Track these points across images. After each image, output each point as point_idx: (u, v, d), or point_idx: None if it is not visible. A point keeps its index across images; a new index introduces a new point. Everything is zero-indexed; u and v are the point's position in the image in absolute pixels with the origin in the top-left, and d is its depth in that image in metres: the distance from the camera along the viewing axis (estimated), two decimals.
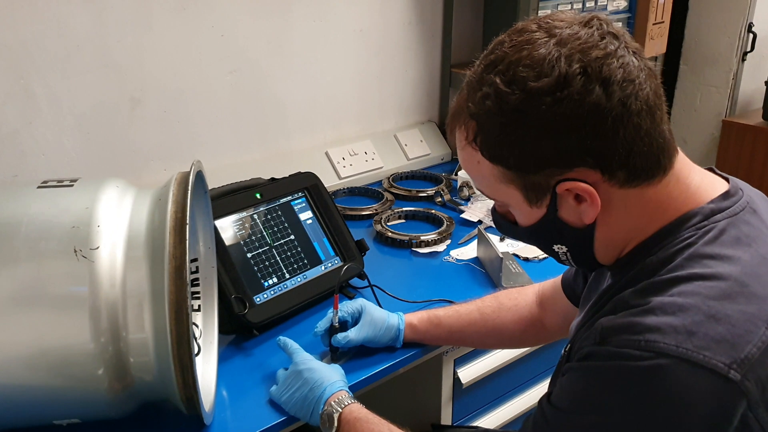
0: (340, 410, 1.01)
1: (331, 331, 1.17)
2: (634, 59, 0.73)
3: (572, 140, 0.73)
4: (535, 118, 0.72)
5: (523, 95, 0.72)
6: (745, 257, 0.74)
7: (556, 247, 0.85)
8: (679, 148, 0.80)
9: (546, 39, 0.73)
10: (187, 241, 0.90)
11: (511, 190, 0.80)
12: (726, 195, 0.79)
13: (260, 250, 1.34)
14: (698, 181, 0.80)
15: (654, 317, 0.70)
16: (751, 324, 0.69)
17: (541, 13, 1.98)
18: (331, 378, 1.06)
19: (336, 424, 1.00)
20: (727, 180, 0.83)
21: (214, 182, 1.22)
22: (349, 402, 1.02)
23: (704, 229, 0.76)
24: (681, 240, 0.76)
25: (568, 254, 0.85)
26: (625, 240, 0.81)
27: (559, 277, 1.16)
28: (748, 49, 2.70)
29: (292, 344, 1.14)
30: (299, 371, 1.07)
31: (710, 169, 0.85)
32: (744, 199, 0.80)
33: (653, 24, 2.29)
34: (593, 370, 0.73)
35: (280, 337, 1.16)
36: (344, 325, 1.19)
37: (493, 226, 1.70)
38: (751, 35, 2.67)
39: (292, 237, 1.40)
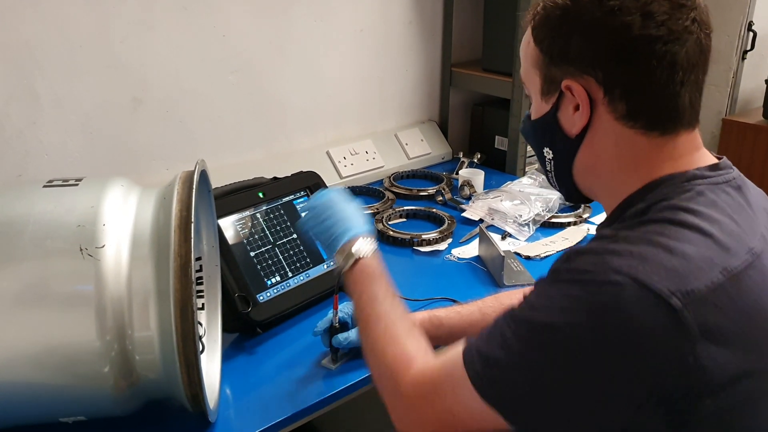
0: (359, 258, 0.99)
1: (332, 331, 1.17)
2: (689, 23, 0.79)
3: (595, 47, 0.80)
4: (579, 13, 0.80)
5: None
6: (717, 217, 0.77)
7: (545, 151, 0.91)
8: (696, 131, 0.85)
9: None
10: (192, 240, 0.91)
11: (536, 76, 0.88)
12: (713, 167, 0.83)
13: (263, 249, 1.35)
14: (696, 157, 0.84)
15: (615, 245, 0.75)
16: (706, 265, 0.73)
17: None
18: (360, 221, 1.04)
19: (351, 264, 0.99)
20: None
21: (215, 182, 1.23)
22: (371, 252, 1.00)
23: (683, 188, 0.80)
24: (658, 195, 0.80)
25: (553, 162, 0.91)
26: (608, 178, 0.86)
27: None
28: (748, 47, 2.71)
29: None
30: (337, 203, 1.05)
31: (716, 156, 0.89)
32: (731, 174, 0.84)
33: None
34: (553, 280, 0.78)
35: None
36: (344, 326, 1.19)
37: (494, 224, 1.71)
38: (751, 34, 2.68)
39: (295, 236, 1.41)
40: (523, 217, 1.73)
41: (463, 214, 1.80)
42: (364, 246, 1.00)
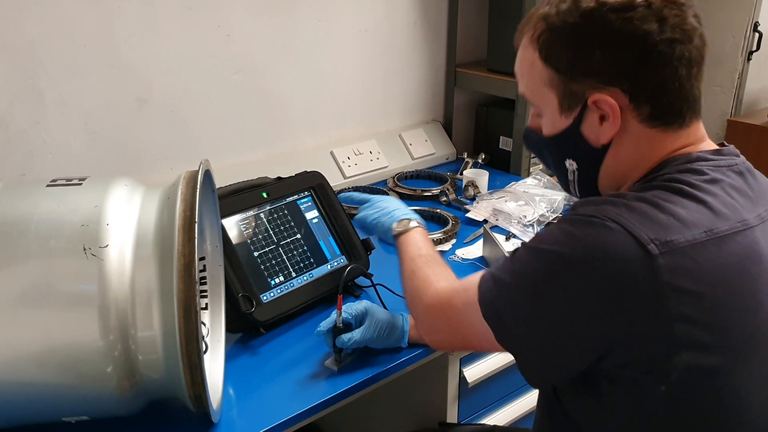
0: (406, 228, 1.21)
1: (335, 331, 1.17)
2: (692, 20, 0.83)
3: (619, 57, 0.82)
4: (598, 27, 0.82)
5: (595, 5, 0.82)
6: (714, 191, 0.82)
7: (567, 163, 0.93)
8: (701, 117, 0.89)
9: None
10: (196, 240, 0.91)
11: (550, 94, 0.89)
12: (717, 152, 0.87)
13: (267, 249, 1.35)
14: (702, 145, 0.89)
15: (616, 198, 0.82)
16: (691, 224, 0.78)
17: None
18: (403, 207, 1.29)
19: (401, 231, 1.21)
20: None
21: (219, 181, 1.22)
22: (414, 226, 1.21)
23: (685, 167, 0.85)
24: (663, 171, 0.86)
25: (576, 173, 0.93)
26: (624, 176, 0.90)
27: None
28: (754, 48, 2.69)
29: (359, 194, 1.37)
30: (381, 199, 1.31)
31: (721, 144, 0.91)
32: (735, 161, 0.87)
33: None
34: (560, 221, 0.85)
35: (343, 194, 1.37)
36: (348, 326, 1.19)
37: (498, 225, 1.71)
38: (756, 34, 2.67)
39: (299, 236, 1.41)
40: (527, 217, 1.73)
41: (468, 215, 1.79)
42: (416, 222, 1.22)
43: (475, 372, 1.40)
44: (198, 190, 0.95)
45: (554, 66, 0.86)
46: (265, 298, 1.29)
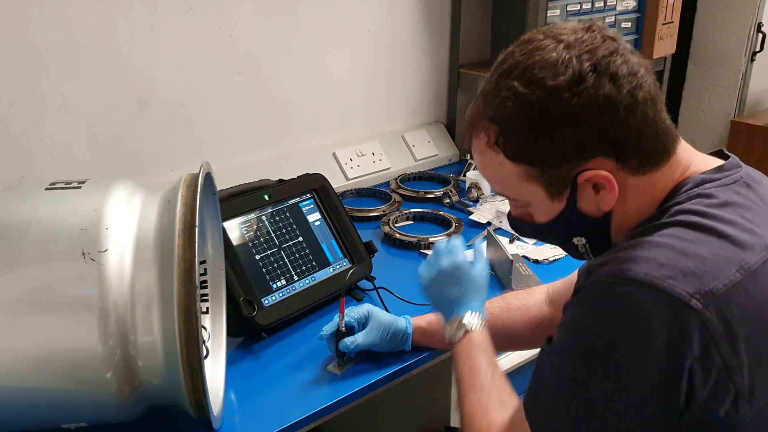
0: (468, 330, 1.02)
1: (338, 335, 1.16)
2: (632, 57, 0.81)
3: (591, 130, 0.78)
4: (557, 111, 0.78)
5: (543, 93, 0.78)
6: (730, 217, 0.78)
7: (575, 240, 0.89)
8: (680, 137, 0.86)
9: (555, 44, 0.80)
10: (196, 244, 0.90)
11: (534, 187, 0.84)
12: (719, 169, 0.84)
13: (268, 252, 1.34)
14: (698, 163, 0.86)
15: (631, 251, 0.76)
16: (723, 264, 0.74)
17: (549, 13, 1.97)
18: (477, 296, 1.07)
19: (461, 336, 1.02)
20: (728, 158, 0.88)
21: (221, 183, 1.21)
22: (479, 326, 1.02)
23: (693, 192, 0.81)
24: (670, 204, 0.82)
25: (587, 245, 0.89)
26: (635, 223, 0.85)
27: (574, 274, 1.14)
28: (758, 48, 2.68)
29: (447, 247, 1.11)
30: (461, 276, 1.07)
31: (720, 151, 0.90)
32: (739, 174, 0.84)
33: (662, 24, 2.27)
34: (579, 301, 0.80)
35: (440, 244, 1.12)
36: (351, 330, 1.18)
37: (502, 227, 1.70)
38: (760, 35, 2.66)
39: (301, 239, 1.40)
40: None
41: (471, 217, 1.78)
42: (475, 320, 1.03)
43: None
44: (198, 194, 0.94)
45: (527, 162, 0.82)
46: (266, 301, 1.27)
